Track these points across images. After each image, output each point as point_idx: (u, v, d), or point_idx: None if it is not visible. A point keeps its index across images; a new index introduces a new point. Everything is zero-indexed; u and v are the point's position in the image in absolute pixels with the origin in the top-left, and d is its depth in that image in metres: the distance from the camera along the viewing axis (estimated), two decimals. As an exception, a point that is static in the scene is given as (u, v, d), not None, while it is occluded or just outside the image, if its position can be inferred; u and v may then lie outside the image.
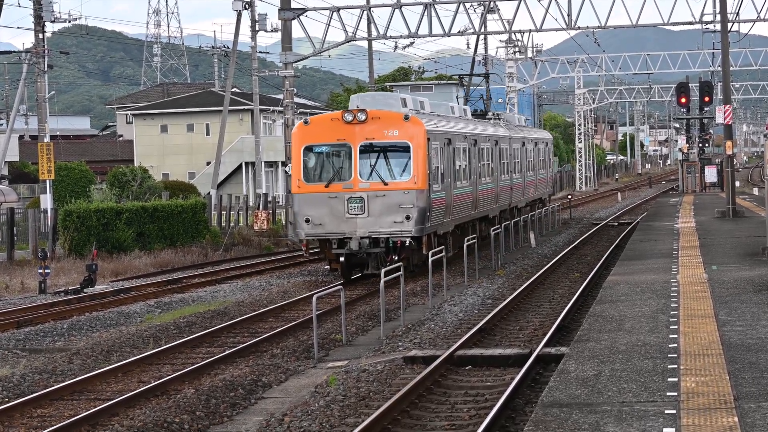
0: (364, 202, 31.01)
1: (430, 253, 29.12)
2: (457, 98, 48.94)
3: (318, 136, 31.69)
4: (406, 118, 31.40)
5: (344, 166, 31.52)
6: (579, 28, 50.47)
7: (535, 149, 53.15)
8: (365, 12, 47.90)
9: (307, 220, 31.38)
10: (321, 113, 46.65)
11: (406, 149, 31.41)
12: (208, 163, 78.44)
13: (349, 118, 31.36)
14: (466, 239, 32.29)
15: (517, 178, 47.91)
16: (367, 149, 31.34)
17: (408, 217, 30.95)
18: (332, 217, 31.21)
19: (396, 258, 30.70)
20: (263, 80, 72.55)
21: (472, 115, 45.60)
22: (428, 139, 31.80)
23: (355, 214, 31.06)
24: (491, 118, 47.51)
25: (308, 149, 31.76)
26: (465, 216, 37.31)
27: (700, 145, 74.89)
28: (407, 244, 31.23)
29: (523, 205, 49.97)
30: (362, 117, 31.30)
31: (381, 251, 31.22)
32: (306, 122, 32.18)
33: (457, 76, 52.67)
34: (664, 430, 11.12)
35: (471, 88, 52.04)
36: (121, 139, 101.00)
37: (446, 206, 33.91)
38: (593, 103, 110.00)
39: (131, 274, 38.36)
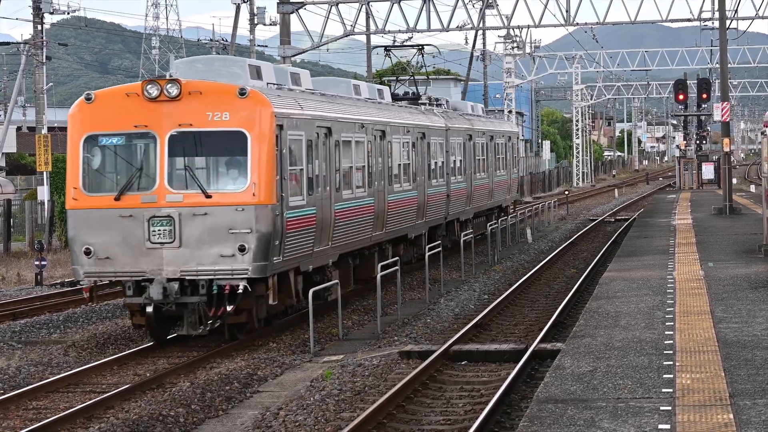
0: (175, 223, 20.59)
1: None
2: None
3: (106, 121, 21.33)
4: (242, 93, 20.74)
5: (145, 168, 21.10)
6: (577, 24, 50.53)
7: (490, 144, 42.02)
8: (364, 6, 47.90)
9: (88, 252, 20.94)
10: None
11: (240, 142, 20.82)
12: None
13: (154, 92, 20.95)
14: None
15: (459, 182, 36.92)
16: (180, 141, 20.94)
17: (243, 248, 20.41)
18: (126, 247, 20.79)
19: (228, 310, 20.69)
20: (261, 74, 72.54)
21: (399, 99, 35.37)
22: (280, 126, 21.37)
23: (161, 243, 20.63)
24: (425, 103, 36.06)
25: (91, 140, 21.39)
26: (361, 239, 26.59)
27: (698, 142, 75.00)
28: (240, 290, 20.49)
29: (471, 216, 39.00)
30: (174, 91, 20.85)
31: (201, 301, 20.67)
32: (89, 98, 21.65)
33: (384, 48, 40.17)
34: (660, 426, 11.13)
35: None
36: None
37: (320, 228, 23.39)
38: (591, 99, 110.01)
39: (128, 267, 38.30)
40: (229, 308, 20.64)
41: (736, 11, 49.86)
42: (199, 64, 23.27)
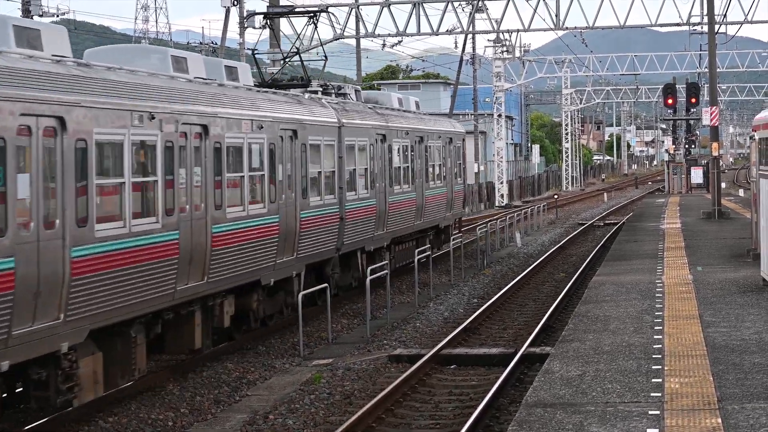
0: None
1: None
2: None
3: None
4: None
5: None
6: (567, 28, 50.63)
7: (418, 148, 32.58)
8: (354, 10, 47.91)
9: None
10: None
11: None
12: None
13: None
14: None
15: (363, 198, 27.51)
16: None
17: None
18: None
19: None
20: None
21: (279, 86, 26.69)
22: None
23: None
24: (317, 91, 27.52)
25: None
26: (150, 299, 16.64)
27: (687, 146, 75.13)
28: None
29: (385, 243, 29.50)
30: None
31: None
32: None
33: (263, 15, 32.04)
34: (648, 430, 11.16)
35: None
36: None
37: (26, 292, 13.54)
38: (580, 103, 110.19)
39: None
40: None
41: (724, 16, 49.96)
42: None
